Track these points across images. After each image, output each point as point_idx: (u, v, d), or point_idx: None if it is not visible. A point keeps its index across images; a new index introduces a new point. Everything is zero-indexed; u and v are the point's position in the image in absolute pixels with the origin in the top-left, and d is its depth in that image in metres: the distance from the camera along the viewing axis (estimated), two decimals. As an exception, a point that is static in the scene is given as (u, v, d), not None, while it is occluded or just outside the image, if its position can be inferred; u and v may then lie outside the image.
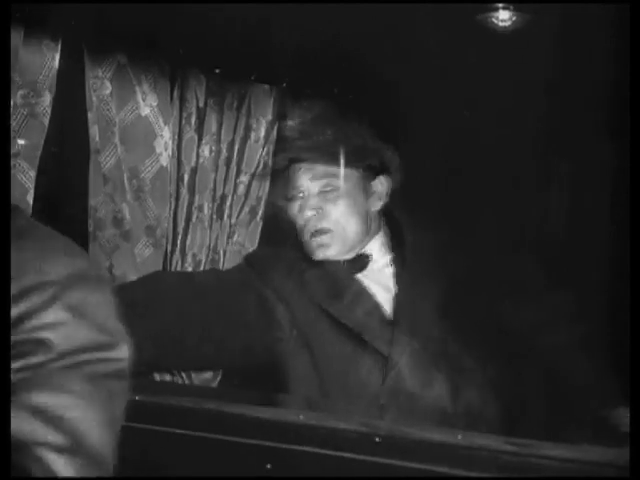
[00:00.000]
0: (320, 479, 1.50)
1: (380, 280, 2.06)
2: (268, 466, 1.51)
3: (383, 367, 1.96)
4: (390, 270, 2.07)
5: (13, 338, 0.86)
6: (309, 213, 2.03)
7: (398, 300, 2.02)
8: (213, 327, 1.99)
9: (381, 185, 2.08)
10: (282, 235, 2.52)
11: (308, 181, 2.04)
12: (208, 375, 2.33)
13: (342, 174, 2.03)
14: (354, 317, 2.00)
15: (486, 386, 1.92)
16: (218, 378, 2.35)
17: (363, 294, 2.03)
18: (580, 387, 1.98)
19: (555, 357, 1.99)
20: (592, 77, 2.30)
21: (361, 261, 2.06)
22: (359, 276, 2.06)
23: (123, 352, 0.94)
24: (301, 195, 2.05)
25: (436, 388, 1.94)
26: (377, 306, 2.03)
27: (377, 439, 1.45)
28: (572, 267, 2.48)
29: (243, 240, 2.49)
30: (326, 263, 2.06)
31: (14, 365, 0.86)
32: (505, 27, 2.05)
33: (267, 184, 2.51)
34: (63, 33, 1.97)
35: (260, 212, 2.52)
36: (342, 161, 2.03)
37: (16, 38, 1.86)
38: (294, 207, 2.07)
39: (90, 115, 2.17)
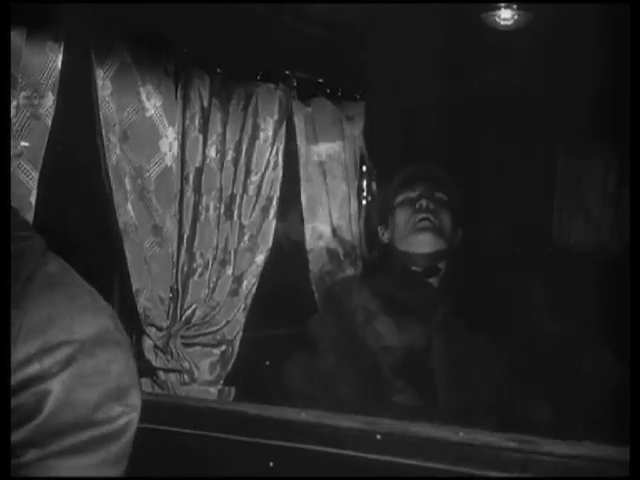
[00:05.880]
0: (322, 477, 1.50)
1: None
2: (270, 464, 1.52)
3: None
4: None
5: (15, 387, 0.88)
6: (424, 202, 2.36)
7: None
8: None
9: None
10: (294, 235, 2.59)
11: (424, 185, 2.40)
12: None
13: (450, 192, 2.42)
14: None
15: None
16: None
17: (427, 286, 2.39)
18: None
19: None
20: (591, 77, 2.30)
21: (434, 270, 2.39)
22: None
23: (125, 419, 0.94)
24: (415, 194, 2.39)
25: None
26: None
27: (378, 436, 1.45)
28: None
29: (255, 240, 2.50)
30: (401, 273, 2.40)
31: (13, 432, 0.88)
32: (507, 26, 2.05)
33: (278, 183, 2.53)
34: (66, 34, 1.97)
35: (272, 212, 2.53)
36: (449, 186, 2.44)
37: (19, 39, 1.86)
38: (405, 203, 2.40)
39: (95, 115, 2.17)
